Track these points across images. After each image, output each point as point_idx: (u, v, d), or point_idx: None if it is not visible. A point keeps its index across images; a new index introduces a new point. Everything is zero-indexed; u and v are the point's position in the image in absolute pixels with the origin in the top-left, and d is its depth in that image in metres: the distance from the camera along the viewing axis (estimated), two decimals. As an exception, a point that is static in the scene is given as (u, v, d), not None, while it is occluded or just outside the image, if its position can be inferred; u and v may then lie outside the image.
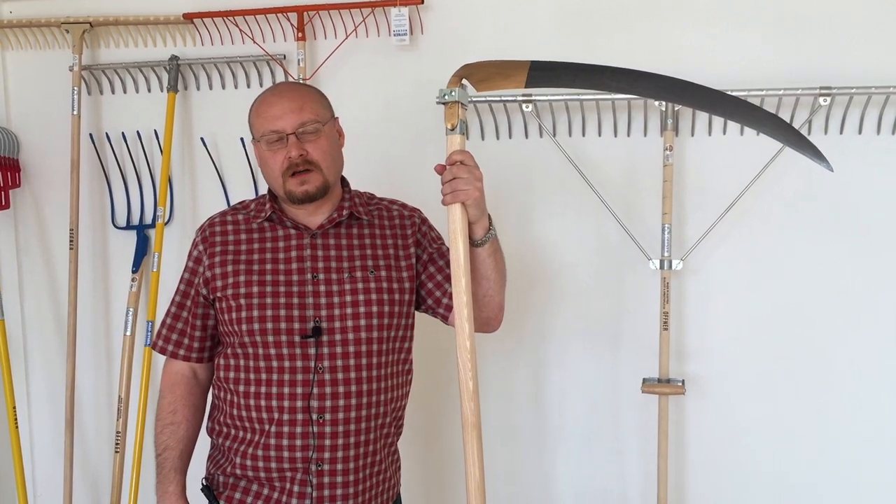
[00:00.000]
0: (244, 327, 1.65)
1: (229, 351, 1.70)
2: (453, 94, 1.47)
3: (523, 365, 2.46)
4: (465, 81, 1.51)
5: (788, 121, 2.21)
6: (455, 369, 2.43)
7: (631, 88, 1.52)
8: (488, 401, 2.45)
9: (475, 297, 1.66)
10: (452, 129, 1.49)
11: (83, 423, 2.74)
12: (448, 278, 1.71)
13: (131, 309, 2.55)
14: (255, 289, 1.66)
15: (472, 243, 1.59)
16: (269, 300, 1.65)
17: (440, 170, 1.53)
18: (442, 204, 1.52)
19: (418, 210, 1.85)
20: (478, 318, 1.71)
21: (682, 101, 1.65)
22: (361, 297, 1.67)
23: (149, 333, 2.53)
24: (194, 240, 1.77)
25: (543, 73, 1.50)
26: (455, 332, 1.50)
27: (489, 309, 1.71)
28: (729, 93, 1.88)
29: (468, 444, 1.49)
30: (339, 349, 1.65)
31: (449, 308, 1.73)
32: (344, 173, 1.79)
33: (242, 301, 1.66)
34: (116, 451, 2.53)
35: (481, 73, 1.51)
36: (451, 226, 1.50)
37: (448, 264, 1.73)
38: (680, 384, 2.23)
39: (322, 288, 1.66)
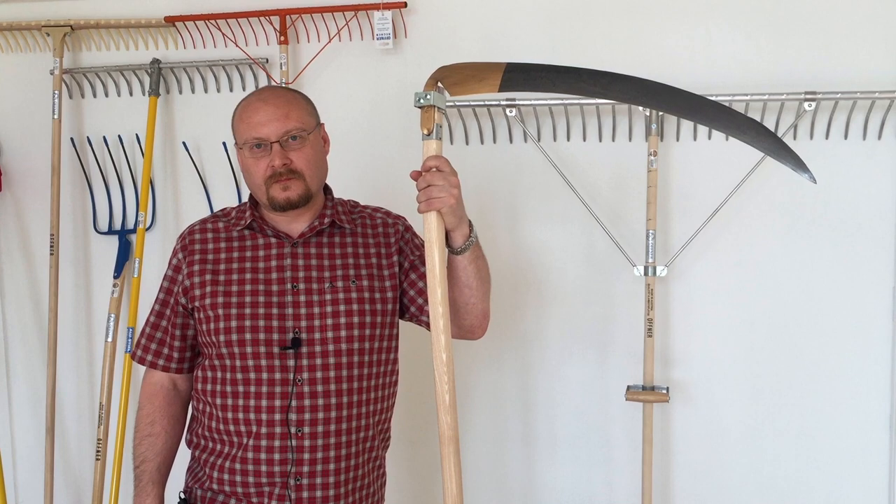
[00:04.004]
0: (222, 338, 1.63)
1: (207, 362, 1.68)
2: (429, 97, 1.42)
3: (509, 371, 2.44)
4: (441, 84, 1.47)
5: (774, 125, 2.20)
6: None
7: (607, 92, 1.47)
8: (474, 407, 2.44)
9: (457, 306, 1.64)
10: (428, 135, 1.45)
11: (65, 429, 2.72)
12: None
13: (112, 315, 2.52)
14: (234, 299, 1.63)
15: (452, 251, 1.56)
16: (247, 310, 1.62)
17: (415, 176, 1.50)
18: (417, 212, 1.49)
19: (403, 217, 1.82)
20: (461, 326, 1.69)
21: (661, 107, 1.60)
22: (342, 308, 1.64)
23: (129, 340, 2.51)
24: (174, 248, 1.74)
25: (519, 76, 1.46)
26: (431, 344, 1.47)
27: (472, 317, 1.68)
28: (713, 98, 1.89)
29: (445, 457, 1.46)
30: (318, 361, 1.62)
31: None
32: (328, 177, 1.76)
33: (220, 311, 1.63)
34: (98, 459, 2.51)
35: (456, 77, 1.47)
36: (427, 235, 1.46)
37: None
38: (664, 391, 2.21)
39: (302, 298, 1.64)
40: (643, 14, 2.27)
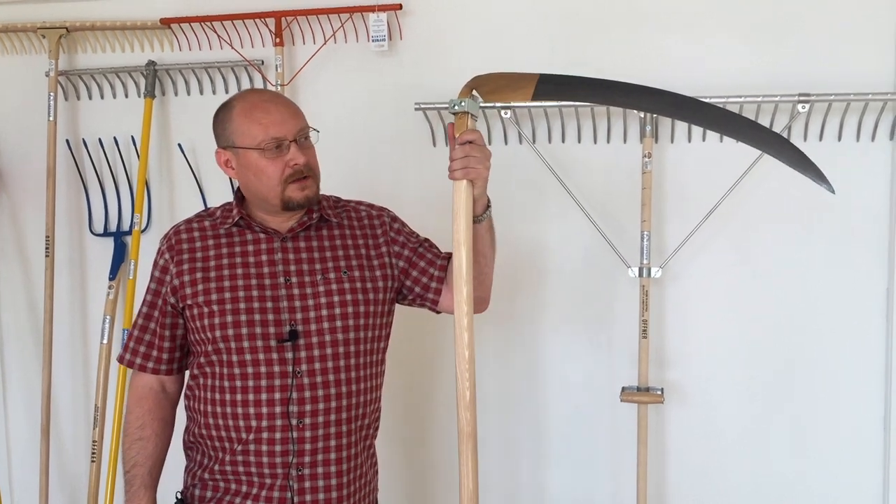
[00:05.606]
0: (218, 333, 1.63)
1: (203, 360, 1.68)
2: (463, 104, 1.48)
3: (503, 372, 2.43)
4: (475, 92, 1.51)
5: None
6: (439, 376, 2.44)
7: (639, 105, 1.52)
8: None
9: (473, 276, 1.65)
10: None
11: (60, 431, 2.71)
12: (431, 262, 1.74)
13: (108, 317, 2.52)
14: (228, 294, 1.64)
15: (473, 220, 1.58)
16: (242, 305, 1.63)
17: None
18: (449, 178, 1.51)
19: (386, 209, 1.84)
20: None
21: (691, 120, 1.66)
22: (336, 299, 1.66)
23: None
24: (159, 249, 1.74)
25: (551, 87, 1.51)
26: (454, 342, 1.49)
27: (483, 289, 1.70)
28: (707, 99, 1.89)
29: (463, 454, 1.49)
30: (316, 352, 1.63)
31: (438, 291, 1.74)
32: (323, 177, 1.76)
33: (215, 307, 1.63)
34: (93, 460, 2.51)
35: (490, 85, 1.53)
36: (456, 202, 1.48)
37: (427, 250, 1.76)
38: (659, 392, 2.22)
39: (296, 291, 1.65)
40: (640, 14, 2.27)
